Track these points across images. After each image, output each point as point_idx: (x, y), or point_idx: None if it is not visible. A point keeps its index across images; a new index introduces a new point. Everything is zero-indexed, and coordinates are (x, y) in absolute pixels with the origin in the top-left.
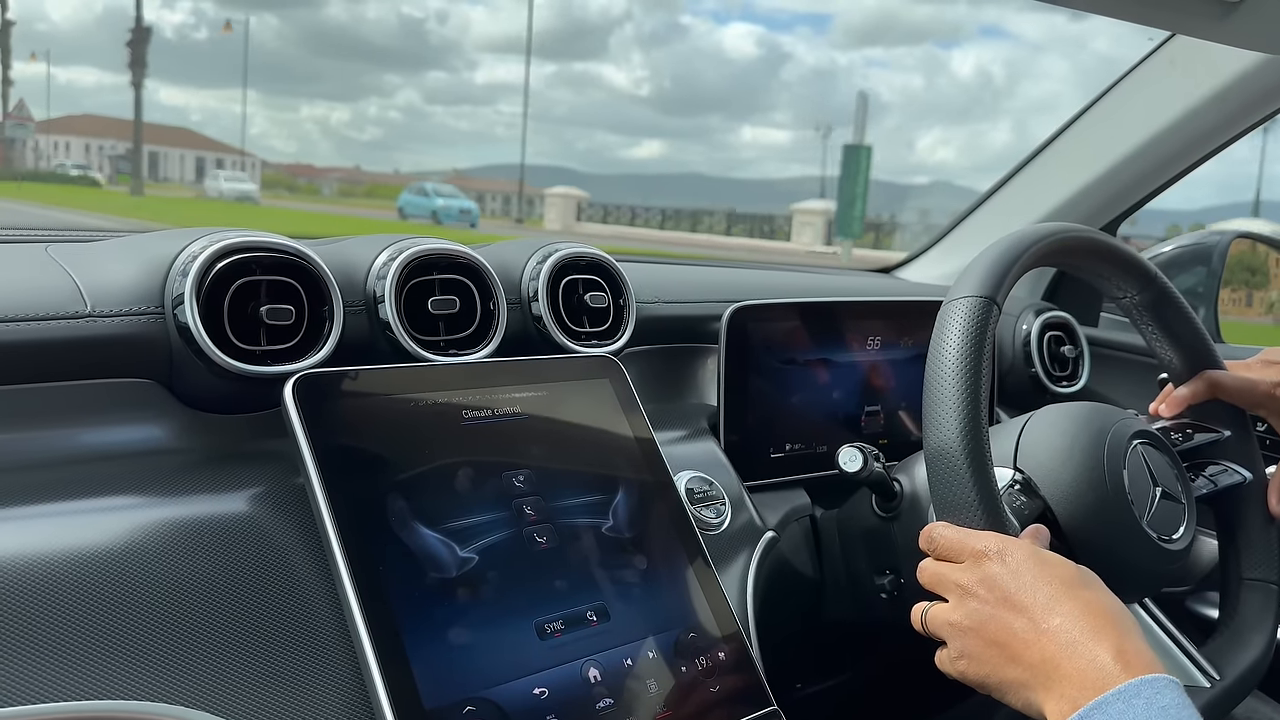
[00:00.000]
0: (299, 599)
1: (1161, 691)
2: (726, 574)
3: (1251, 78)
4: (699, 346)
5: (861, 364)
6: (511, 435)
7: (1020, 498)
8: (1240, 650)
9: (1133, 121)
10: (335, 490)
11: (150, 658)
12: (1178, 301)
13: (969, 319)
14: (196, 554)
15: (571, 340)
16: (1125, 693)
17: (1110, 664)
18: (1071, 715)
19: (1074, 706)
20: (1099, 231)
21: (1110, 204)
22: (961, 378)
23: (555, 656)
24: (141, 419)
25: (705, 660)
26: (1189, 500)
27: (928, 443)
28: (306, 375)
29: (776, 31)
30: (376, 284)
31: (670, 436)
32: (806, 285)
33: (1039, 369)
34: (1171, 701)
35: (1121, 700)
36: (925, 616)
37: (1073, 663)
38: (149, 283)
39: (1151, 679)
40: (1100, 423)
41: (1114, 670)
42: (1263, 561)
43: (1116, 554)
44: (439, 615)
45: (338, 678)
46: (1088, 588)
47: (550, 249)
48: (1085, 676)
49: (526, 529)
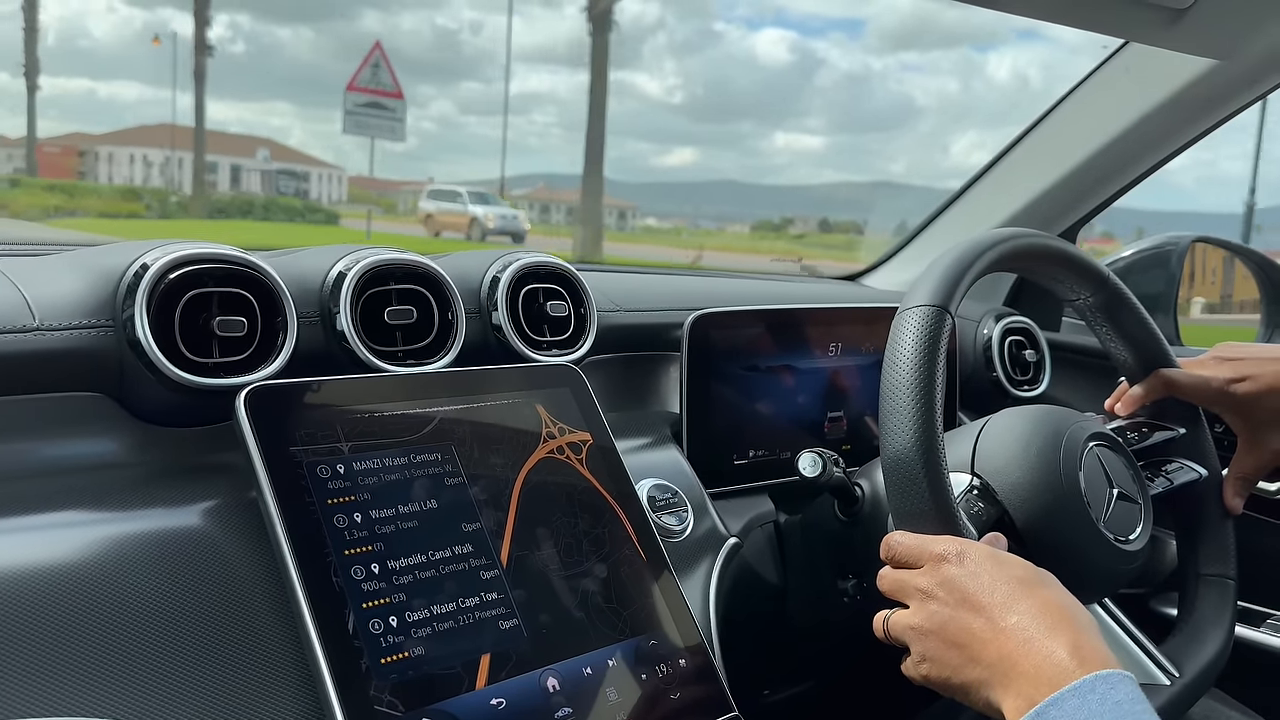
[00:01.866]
0: (252, 614)
1: (1116, 686)
2: (689, 581)
3: (1201, 83)
4: (661, 354)
5: (824, 370)
6: (470, 445)
7: (978, 504)
8: (1199, 646)
9: (1090, 128)
10: (288, 503)
11: (101, 674)
12: (1130, 302)
13: (921, 328)
14: (148, 569)
15: (532, 349)
16: (1080, 688)
17: (1067, 660)
18: (1028, 712)
19: (1030, 704)
20: (1051, 236)
21: (1069, 208)
22: (916, 388)
23: (513, 667)
24: (92, 433)
25: (666, 668)
26: (1145, 500)
27: (885, 453)
28: (259, 387)
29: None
30: (332, 294)
31: (632, 445)
32: (769, 293)
33: (1000, 373)
34: (1126, 696)
35: (1077, 696)
36: (887, 623)
37: (1029, 660)
38: (99, 296)
39: (1106, 674)
40: (1056, 425)
41: (1070, 666)
42: (1219, 558)
43: (1074, 556)
44: (396, 628)
45: (290, 692)
46: (1045, 586)
47: (510, 258)
48: (1041, 673)
49: (485, 540)
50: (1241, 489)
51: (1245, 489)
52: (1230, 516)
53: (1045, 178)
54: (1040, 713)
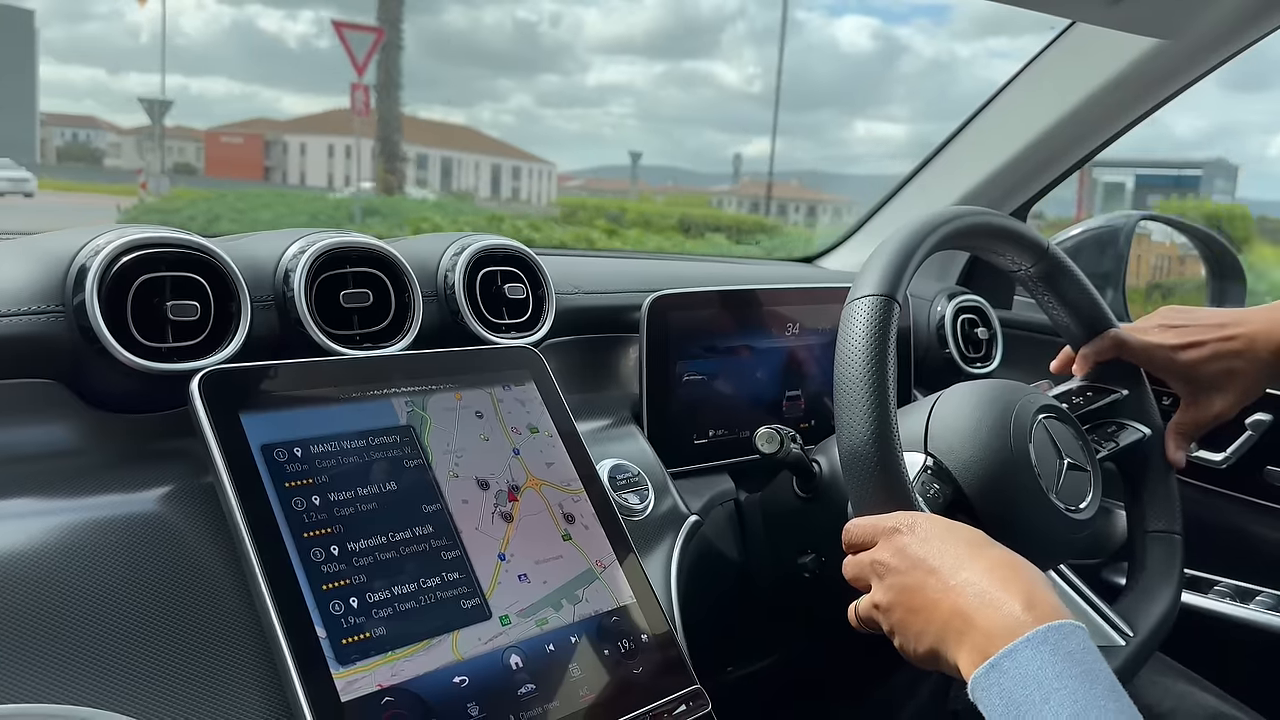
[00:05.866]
0: (211, 597)
1: (1069, 636)
2: (650, 558)
3: (1145, 62)
4: (620, 336)
5: (781, 350)
6: (429, 427)
7: (934, 485)
8: (1150, 603)
9: (1040, 107)
10: (246, 487)
11: (58, 661)
12: (1070, 270)
13: (870, 319)
14: (105, 556)
15: (490, 332)
16: (1033, 640)
17: (1020, 613)
18: (981, 664)
19: (984, 656)
20: (990, 211)
21: (1020, 187)
22: (867, 380)
23: (476, 646)
24: (44, 420)
25: (629, 644)
26: (1095, 468)
27: (841, 445)
28: (213, 371)
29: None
30: (286, 278)
31: (593, 426)
32: (726, 274)
33: (953, 351)
34: (1078, 646)
35: (1030, 647)
36: (857, 611)
37: (982, 613)
38: (48, 281)
39: (1059, 625)
40: (1005, 401)
41: (1024, 618)
42: (1164, 513)
43: (1027, 527)
44: (356, 609)
45: (253, 675)
46: (995, 547)
47: (466, 240)
48: (994, 625)
49: (446, 521)
50: (1183, 443)
51: (1185, 443)
52: (1173, 470)
53: (996, 157)
54: (995, 664)
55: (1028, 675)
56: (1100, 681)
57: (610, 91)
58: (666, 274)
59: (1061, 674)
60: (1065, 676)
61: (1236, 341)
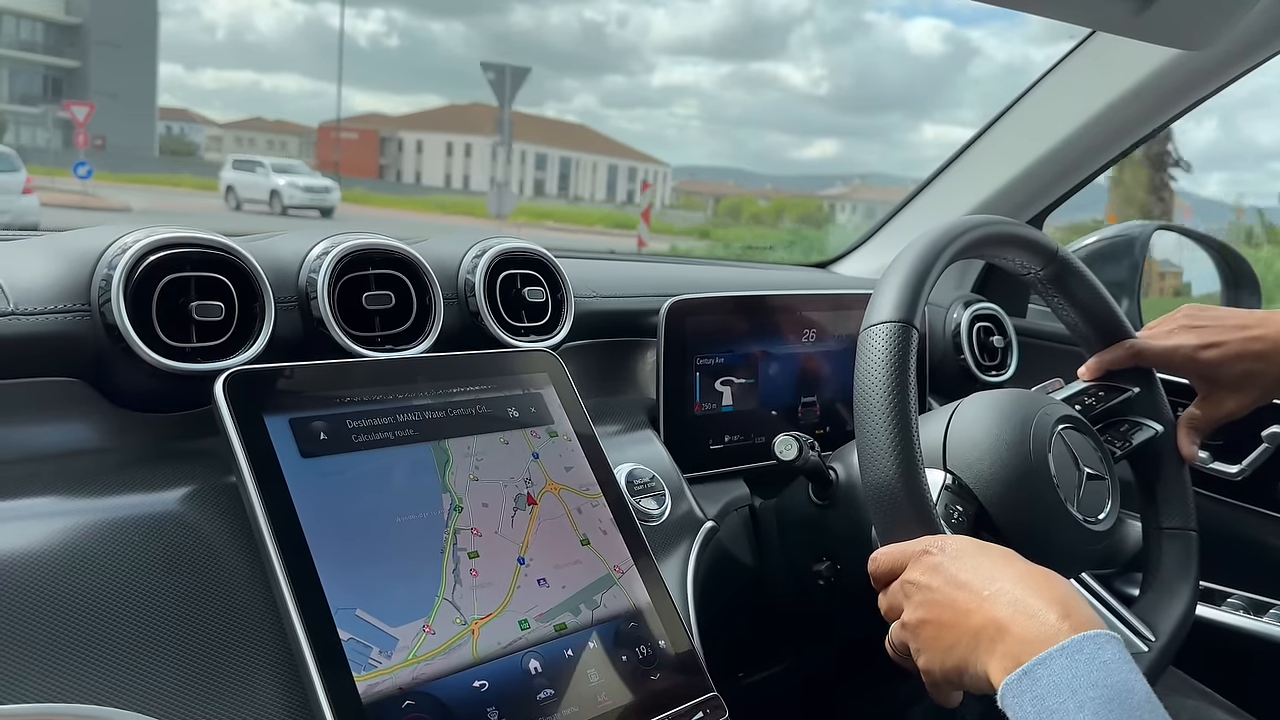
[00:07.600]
0: (232, 598)
1: (1104, 646)
2: (667, 564)
3: (1166, 73)
4: (638, 340)
5: (797, 356)
6: (448, 430)
7: (957, 507)
8: (1169, 601)
9: (1058, 116)
10: (268, 487)
11: (81, 660)
12: (1080, 271)
13: (888, 346)
14: (126, 553)
15: (510, 335)
16: (1069, 648)
17: (1055, 621)
18: (1014, 670)
19: (1017, 663)
20: (998, 218)
21: (1037, 196)
22: (889, 412)
23: (495, 648)
24: (67, 419)
25: (646, 649)
26: (1112, 476)
27: (865, 476)
28: (238, 372)
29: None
30: (309, 279)
31: (610, 430)
32: (742, 280)
33: (969, 359)
34: (1113, 656)
35: (1065, 655)
36: (890, 639)
37: (1017, 621)
38: (74, 279)
39: (1094, 634)
40: (1024, 413)
41: (1059, 627)
42: (1179, 510)
43: (1046, 540)
44: (378, 612)
45: (275, 676)
46: (1024, 561)
47: (487, 244)
48: (1029, 633)
49: (465, 524)
50: (1195, 436)
51: (1197, 436)
52: (1186, 466)
53: (1015, 165)
54: (1028, 671)
55: (1061, 684)
56: (1136, 693)
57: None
58: (683, 279)
59: (1096, 683)
60: (1100, 686)
61: (1261, 343)
